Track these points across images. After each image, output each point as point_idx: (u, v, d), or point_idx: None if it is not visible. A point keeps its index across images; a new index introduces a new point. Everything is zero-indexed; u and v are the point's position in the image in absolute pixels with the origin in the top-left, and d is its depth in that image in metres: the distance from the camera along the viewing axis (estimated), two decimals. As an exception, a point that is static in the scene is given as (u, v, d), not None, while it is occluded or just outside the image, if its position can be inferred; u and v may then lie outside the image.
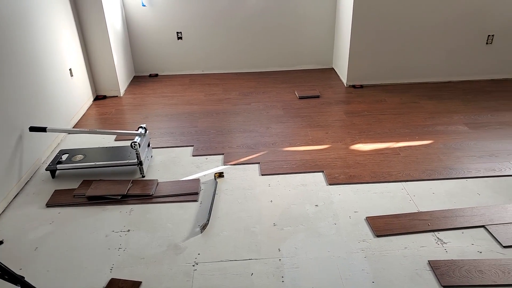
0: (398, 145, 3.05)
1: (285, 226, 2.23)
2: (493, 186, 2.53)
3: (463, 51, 4.15)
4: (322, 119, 3.51)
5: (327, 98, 3.96)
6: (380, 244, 2.09)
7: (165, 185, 2.61)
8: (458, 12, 3.93)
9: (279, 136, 3.22)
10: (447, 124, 3.36)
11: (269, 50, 4.66)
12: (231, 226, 2.24)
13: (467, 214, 2.27)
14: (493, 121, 3.38)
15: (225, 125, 3.44)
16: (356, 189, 2.55)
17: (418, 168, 2.73)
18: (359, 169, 2.75)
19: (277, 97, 4.01)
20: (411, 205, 2.38)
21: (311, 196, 2.49)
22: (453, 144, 3.03)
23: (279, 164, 2.83)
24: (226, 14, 4.42)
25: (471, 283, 1.81)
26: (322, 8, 4.44)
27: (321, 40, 4.62)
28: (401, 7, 3.87)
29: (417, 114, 3.55)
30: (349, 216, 2.30)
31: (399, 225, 2.20)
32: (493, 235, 2.10)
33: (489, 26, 4.03)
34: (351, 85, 4.24)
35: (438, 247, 2.05)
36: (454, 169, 2.71)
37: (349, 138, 3.17)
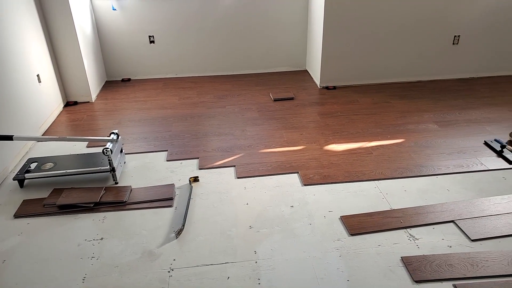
0: (371, 144, 3.11)
1: (261, 228, 2.24)
2: (462, 181, 2.62)
3: (431, 52, 4.27)
4: (296, 121, 3.54)
5: (301, 100, 4.00)
6: (354, 242, 2.12)
7: (139, 191, 2.57)
8: (425, 14, 4.05)
9: (255, 139, 3.23)
10: (417, 122, 3.45)
11: (243, 52, 4.67)
12: (206, 231, 2.23)
13: (437, 210, 2.33)
14: (461, 119, 3.49)
15: (200, 129, 3.42)
16: (330, 189, 2.58)
17: (390, 167, 2.79)
18: (333, 169, 2.79)
19: (252, 100, 4.02)
20: (384, 203, 2.43)
21: (287, 197, 2.50)
22: (423, 142, 3.11)
23: (255, 166, 2.84)
24: (199, 17, 4.40)
25: (442, 277, 1.86)
26: (294, 11, 4.49)
27: (294, 42, 4.67)
28: (371, 10, 3.96)
29: (388, 113, 3.63)
30: (324, 216, 2.32)
31: (373, 223, 2.24)
32: (462, 230, 2.17)
33: (455, 27, 4.17)
34: (324, 86, 4.29)
35: (410, 243, 2.10)
36: (425, 166, 2.79)
37: (323, 139, 3.21)
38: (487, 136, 3.19)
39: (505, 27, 4.22)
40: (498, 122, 3.41)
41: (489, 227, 2.18)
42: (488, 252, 2.01)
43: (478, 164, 2.80)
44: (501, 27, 4.21)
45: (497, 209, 2.32)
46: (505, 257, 1.96)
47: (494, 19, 4.16)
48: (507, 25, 4.21)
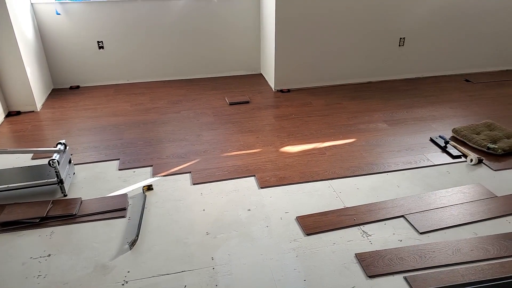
0: (324, 145, 3.18)
1: (218, 234, 2.22)
2: (410, 177, 2.73)
3: (379, 54, 4.45)
4: (252, 124, 3.55)
5: (256, 103, 4.02)
6: (310, 242, 2.15)
7: (89, 203, 2.46)
8: (373, 17, 4.22)
9: (211, 143, 3.20)
10: (368, 122, 3.57)
11: (197, 57, 4.63)
12: (162, 240, 2.17)
13: (388, 206, 2.42)
14: (409, 117, 3.66)
15: (154, 135, 3.34)
16: (286, 190, 2.61)
17: (343, 166, 2.86)
18: (288, 170, 2.82)
19: (207, 104, 3.99)
20: (338, 201, 2.48)
21: (244, 201, 2.50)
22: (374, 141, 3.23)
23: (211, 171, 2.81)
24: (150, 21, 4.31)
25: (393, 270, 1.93)
26: (247, 14, 4.51)
27: (248, 46, 4.69)
28: (321, 13, 4.06)
29: (340, 114, 3.73)
30: (280, 218, 2.34)
31: (327, 222, 2.29)
32: (411, 223, 2.26)
33: (400, 30, 4.37)
34: (279, 89, 4.34)
35: (363, 239, 2.16)
36: (376, 164, 2.89)
37: (279, 141, 3.24)
38: (433, 133, 3.36)
39: (446, 30, 4.48)
40: (442, 119, 3.60)
41: (435, 219, 2.29)
42: (435, 243, 2.11)
43: (425, 160, 2.94)
44: (442, 29, 4.47)
45: (442, 202, 2.44)
46: (450, 247, 2.07)
47: (436, 22, 4.41)
48: (448, 27, 4.47)
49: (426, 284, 1.83)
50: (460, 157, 2.95)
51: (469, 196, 2.50)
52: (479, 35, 4.60)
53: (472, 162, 2.86)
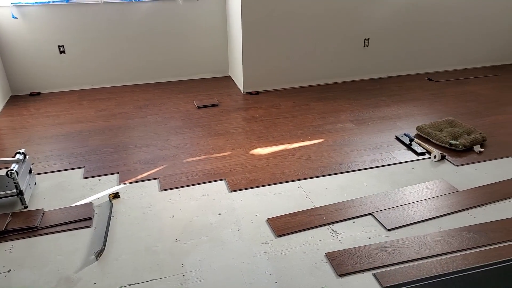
0: (293, 146, 3.19)
1: (188, 240, 2.18)
2: (377, 175, 2.79)
3: (345, 54, 4.53)
4: (221, 127, 3.53)
5: (225, 106, 4.00)
6: (281, 243, 2.15)
7: (52, 214, 2.37)
8: (338, 19, 4.29)
9: (179, 148, 3.15)
10: (335, 122, 3.62)
11: (164, 60, 4.56)
12: (130, 248, 2.11)
13: (356, 204, 2.46)
14: (375, 117, 3.74)
15: (120, 142, 3.26)
16: (256, 192, 2.60)
17: (312, 166, 2.89)
18: (258, 173, 2.81)
19: (175, 108, 3.93)
20: (308, 201, 2.50)
21: (214, 205, 2.47)
22: (341, 141, 3.28)
23: (180, 177, 2.77)
24: (113, 24, 4.21)
25: (363, 267, 1.96)
26: (213, 17, 4.48)
27: (216, 48, 4.67)
28: (288, 15, 4.09)
29: (308, 115, 3.77)
30: (251, 220, 2.33)
31: (298, 222, 2.30)
32: (379, 221, 2.31)
33: (365, 31, 4.47)
34: (247, 92, 4.34)
35: (333, 239, 2.18)
36: (344, 163, 2.93)
37: (249, 144, 3.23)
38: (398, 131, 3.45)
39: (409, 30, 4.62)
40: (407, 118, 3.71)
41: (402, 216, 2.34)
42: (402, 239, 2.16)
43: (391, 158, 3.01)
44: (405, 30, 4.60)
45: (408, 198, 2.51)
46: (416, 242, 2.12)
47: (399, 23, 4.54)
48: (410, 28, 4.61)
49: (394, 280, 1.87)
50: (424, 154, 3.05)
51: (433, 191, 2.58)
52: (440, 35, 4.77)
53: (436, 158, 2.95)
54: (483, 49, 5.05)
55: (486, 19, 4.82)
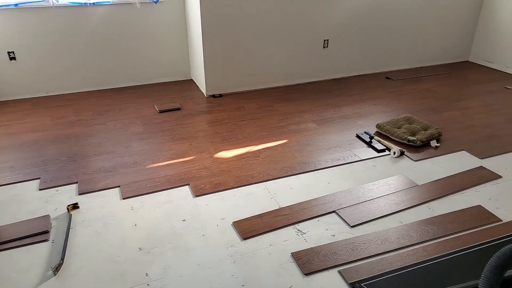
0: (258, 147, 3.20)
1: (152, 248, 2.13)
2: (340, 173, 2.84)
3: (306, 56, 4.59)
4: (184, 131, 3.48)
5: (188, 109, 3.95)
6: (247, 246, 2.14)
7: (5, 230, 2.24)
8: (297, 21, 4.34)
9: (141, 154, 3.08)
10: (298, 123, 3.66)
11: (123, 64, 4.44)
12: (91, 261, 2.03)
13: (320, 203, 2.49)
14: (336, 116, 3.82)
15: (78, 150, 3.13)
16: (222, 196, 2.58)
17: (276, 167, 2.90)
18: (223, 176, 2.79)
19: (136, 113, 3.83)
20: (273, 202, 2.51)
21: (178, 211, 2.43)
22: (304, 141, 3.31)
23: (142, 184, 2.70)
24: (68, 28, 4.06)
25: (328, 265, 1.98)
26: (172, 19, 4.42)
27: (177, 52, 4.60)
28: (248, 18, 4.10)
29: (272, 117, 3.79)
30: (217, 225, 2.31)
31: (263, 224, 2.30)
32: (342, 218, 2.35)
33: (324, 32, 4.55)
34: (210, 95, 4.31)
35: (299, 238, 2.20)
36: (307, 163, 2.96)
37: (213, 147, 3.21)
38: (358, 129, 3.53)
39: (367, 30, 4.75)
40: (367, 116, 3.80)
41: (365, 212, 2.40)
42: (365, 235, 2.20)
43: (353, 156, 3.07)
44: (363, 30, 4.73)
45: (370, 195, 2.57)
46: (379, 237, 2.18)
47: (357, 23, 4.66)
48: (368, 28, 4.74)
49: (359, 275, 1.91)
50: (384, 151, 3.13)
51: (393, 187, 2.66)
52: (397, 35, 4.94)
53: (395, 154, 3.05)
54: (436, 48, 5.27)
55: (439, 20, 5.04)
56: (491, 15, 5.12)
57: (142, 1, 4.21)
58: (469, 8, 5.15)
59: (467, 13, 5.18)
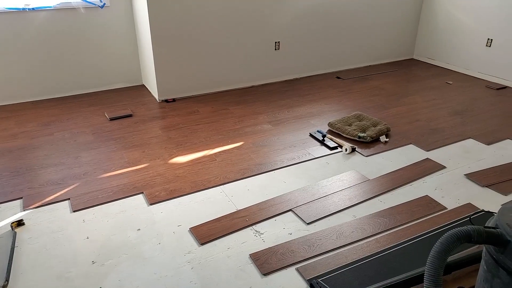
0: (214, 151, 3.18)
1: (106, 261, 2.05)
2: (295, 172, 2.89)
3: (258, 58, 4.63)
4: (137, 138, 3.39)
5: (140, 116, 3.85)
6: (205, 251, 2.12)
7: None
8: (248, 23, 4.37)
9: (91, 164, 2.96)
10: (254, 125, 3.68)
11: (70, 72, 4.26)
12: (39, 279, 1.93)
13: (277, 202, 2.51)
14: (290, 117, 3.87)
15: (23, 163, 2.96)
16: (178, 202, 2.54)
17: (233, 170, 2.90)
18: (179, 182, 2.75)
19: (85, 122, 3.69)
20: (230, 205, 2.50)
21: (132, 221, 2.36)
22: (260, 142, 3.34)
23: (94, 195, 2.60)
24: (7, 35, 3.83)
25: (286, 263, 2.00)
26: (120, 24, 4.30)
27: (126, 57, 4.48)
28: (198, 19, 4.07)
29: (227, 119, 3.79)
30: (173, 232, 2.26)
31: (221, 227, 2.28)
32: (298, 216, 2.38)
33: (275, 34, 4.61)
34: (163, 99, 4.23)
35: (256, 239, 2.21)
36: (263, 164, 2.99)
37: (167, 153, 3.15)
38: (312, 128, 3.61)
39: (317, 31, 4.86)
40: (319, 115, 3.89)
41: (320, 208, 2.45)
42: (321, 231, 2.25)
43: (307, 154, 3.13)
44: (313, 31, 4.84)
45: (324, 191, 2.63)
46: (334, 232, 2.23)
47: (307, 25, 4.76)
48: (318, 29, 4.86)
49: (316, 271, 1.94)
50: (336, 148, 3.22)
51: (346, 182, 2.74)
52: (345, 36, 5.11)
53: (347, 151, 3.14)
54: (383, 47, 5.51)
55: (384, 21, 5.27)
56: (431, 15, 5.42)
57: (86, 6, 4.06)
58: (411, 8, 5.43)
59: (409, 14, 5.46)
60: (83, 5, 4.04)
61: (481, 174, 2.81)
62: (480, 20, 4.81)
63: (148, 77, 4.40)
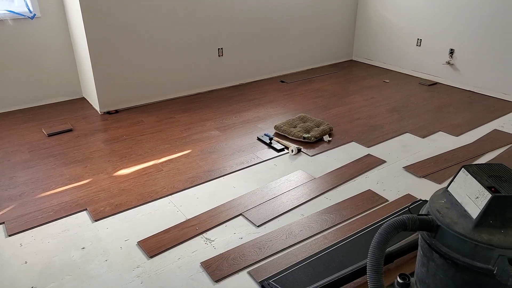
0: (160, 161, 3.12)
1: (48, 284, 1.93)
2: (244, 176, 2.91)
3: (202, 65, 4.62)
4: (78, 154, 3.24)
5: (81, 130, 3.69)
6: (154, 264, 2.06)
7: None
8: (190, 30, 4.35)
9: (28, 184, 2.79)
10: (201, 132, 3.66)
11: (1, 87, 3.98)
12: (-29, 313, 1.78)
13: (227, 208, 2.51)
14: (237, 122, 3.90)
15: (-51, 189, 2.73)
16: (124, 217, 2.46)
17: (181, 179, 2.86)
18: (125, 195, 2.66)
19: (20, 140, 3.47)
20: (179, 215, 2.46)
21: (76, 240, 2.25)
22: (208, 149, 3.32)
23: (32, 216, 2.44)
24: None
25: (237, 268, 2.01)
26: (55, 36, 4.10)
27: (64, 69, 4.27)
28: (138, 29, 3.98)
29: (174, 128, 3.73)
30: (120, 247, 2.19)
31: (170, 238, 2.24)
32: (248, 219, 2.40)
33: (218, 40, 4.63)
34: (105, 111, 4.09)
35: (207, 247, 2.19)
36: (212, 170, 2.97)
37: (111, 167, 3.04)
38: (259, 132, 3.65)
39: (259, 37, 4.94)
40: (265, 119, 3.95)
41: (269, 210, 2.48)
42: (271, 232, 2.28)
43: (255, 158, 3.16)
44: (256, 37, 4.91)
45: (273, 193, 2.67)
46: (284, 232, 2.27)
47: (249, 31, 4.82)
48: (260, 35, 4.93)
49: (267, 273, 1.96)
50: (283, 150, 3.28)
51: (294, 182, 2.80)
52: (288, 40, 5.23)
53: (293, 152, 3.21)
54: (324, 50, 5.71)
55: (323, 24, 5.47)
56: (365, 18, 5.71)
57: (15, 17, 3.83)
58: (347, 13, 5.68)
59: (346, 17, 5.71)
60: (11, 17, 3.81)
61: (418, 166, 2.99)
62: (410, 21, 5.14)
63: (88, 89, 4.23)
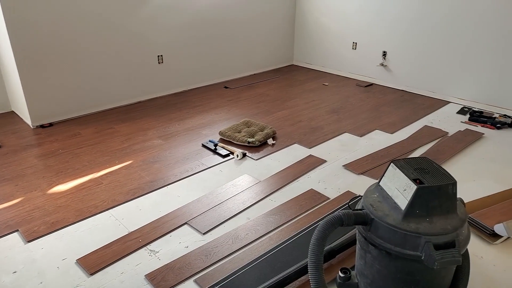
0: (100, 174, 2.99)
1: (-26, 316, 1.77)
2: (189, 185, 2.87)
3: (142, 73, 4.50)
4: (8, 171, 3.02)
5: (11, 146, 3.44)
6: (95, 281, 1.97)
7: None
8: (127, 37, 4.22)
9: (-51, 208, 2.55)
10: (143, 141, 3.56)
11: None
12: None
13: (171, 218, 2.46)
14: (181, 129, 3.84)
15: None
16: (61, 235, 2.32)
17: (122, 191, 2.76)
18: (61, 213, 2.52)
19: None
20: (122, 229, 2.37)
21: (6, 264, 2.09)
22: (151, 159, 3.24)
23: (-45, 242, 2.23)
24: None
25: (183, 277, 1.97)
26: (-25, 47, 3.80)
27: (-13, 82, 3.98)
28: (70, 37, 3.80)
29: (113, 139, 3.60)
30: (58, 267, 2.06)
31: (112, 253, 2.15)
32: (194, 227, 2.37)
33: (157, 48, 4.54)
34: (38, 125, 3.85)
35: (152, 258, 2.13)
36: (155, 181, 2.90)
37: (45, 183, 2.86)
38: (203, 139, 3.62)
39: (200, 44, 4.91)
40: (210, 125, 3.94)
41: (215, 216, 2.47)
42: (217, 239, 2.27)
43: (200, 165, 3.14)
44: (197, 44, 4.87)
45: (219, 199, 2.66)
46: (230, 237, 2.27)
47: (189, 38, 4.78)
48: (201, 41, 4.90)
49: (214, 279, 1.95)
50: (228, 155, 3.29)
51: (239, 187, 2.81)
52: (229, 46, 5.25)
53: (238, 157, 3.23)
54: (266, 56, 5.81)
55: (263, 30, 5.57)
56: (304, 23, 5.90)
57: None
58: (285, 18, 5.83)
59: (285, 22, 5.85)
60: None
61: (356, 164, 3.13)
62: (345, 26, 5.39)
63: (18, 102, 3.96)
